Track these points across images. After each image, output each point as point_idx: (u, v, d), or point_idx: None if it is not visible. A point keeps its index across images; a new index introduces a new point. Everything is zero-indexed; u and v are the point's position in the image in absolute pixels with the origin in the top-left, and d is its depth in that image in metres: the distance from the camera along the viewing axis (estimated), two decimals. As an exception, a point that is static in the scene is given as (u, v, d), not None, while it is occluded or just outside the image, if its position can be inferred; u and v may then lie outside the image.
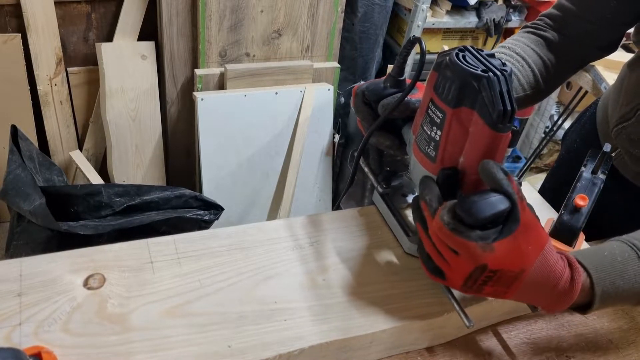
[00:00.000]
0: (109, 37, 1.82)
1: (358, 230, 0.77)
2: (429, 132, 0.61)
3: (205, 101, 1.81)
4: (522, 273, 0.54)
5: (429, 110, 0.60)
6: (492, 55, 0.57)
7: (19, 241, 1.46)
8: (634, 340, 0.73)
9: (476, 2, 2.12)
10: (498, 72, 0.54)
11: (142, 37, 1.84)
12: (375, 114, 0.70)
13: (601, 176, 0.80)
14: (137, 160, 1.95)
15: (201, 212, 1.58)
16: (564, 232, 0.80)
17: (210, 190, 1.92)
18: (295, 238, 0.74)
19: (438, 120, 0.59)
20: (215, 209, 1.62)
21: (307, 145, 1.96)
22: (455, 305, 0.63)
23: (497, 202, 0.54)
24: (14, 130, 1.56)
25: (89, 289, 0.63)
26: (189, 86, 1.92)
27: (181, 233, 0.72)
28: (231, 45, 1.86)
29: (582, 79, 1.89)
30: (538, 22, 0.88)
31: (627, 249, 0.62)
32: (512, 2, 2.16)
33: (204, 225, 1.59)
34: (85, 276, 0.65)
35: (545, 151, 2.68)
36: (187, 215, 1.54)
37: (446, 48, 2.08)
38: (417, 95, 0.68)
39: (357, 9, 2.01)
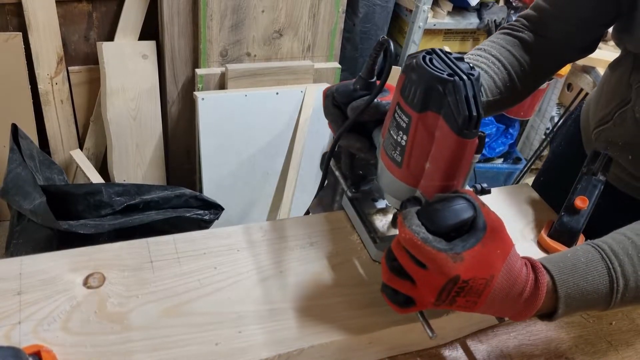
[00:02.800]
0: (110, 37, 1.83)
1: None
2: (395, 137, 0.60)
3: (206, 101, 1.81)
4: (491, 280, 0.53)
5: (396, 114, 0.59)
6: (461, 59, 0.56)
7: (19, 240, 1.46)
8: (633, 342, 0.73)
9: (477, 3, 2.12)
10: (464, 77, 0.53)
11: (143, 37, 1.84)
12: (345, 117, 0.69)
13: (601, 178, 0.80)
14: (137, 160, 1.95)
15: (201, 211, 1.59)
16: (564, 234, 0.80)
17: (210, 190, 1.92)
18: (295, 238, 0.74)
19: (404, 125, 0.58)
20: (215, 208, 1.62)
21: (307, 145, 1.96)
22: (419, 316, 0.61)
23: (461, 210, 0.53)
24: (15, 129, 1.56)
25: (88, 288, 0.63)
26: (190, 86, 1.92)
27: (181, 232, 0.72)
28: (232, 45, 1.86)
29: (583, 81, 1.89)
30: (515, 23, 0.87)
31: (591, 251, 0.61)
32: (513, 3, 2.16)
33: (204, 224, 1.59)
34: (85, 275, 0.65)
35: (545, 152, 2.68)
36: (187, 214, 1.54)
37: (447, 49, 2.09)
38: (388, 97, 0.67)
39: (358, 9, 2.01)
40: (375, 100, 0.65)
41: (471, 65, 0.56)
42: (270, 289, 0.67)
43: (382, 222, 0.74)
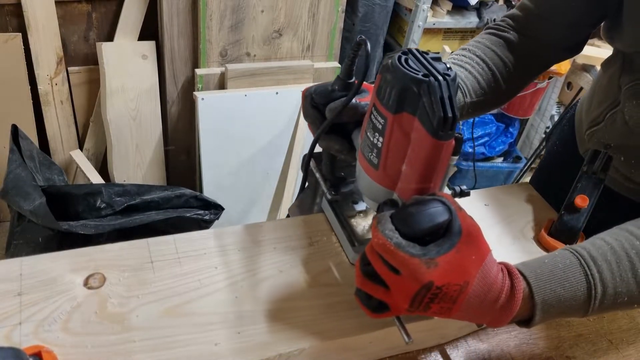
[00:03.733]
0: (110, 37, 1.82)
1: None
2: (371, 139, 0.59)
3: (206, 101, 1.81)
4: (466, 286, 0.52)
5: (372, 116, 0.58)
6: (438, 59, 0.55)
7: (19, 240, 1.46)
8: (634, 340, 0.73)
9: (477, 3, 2.12)
10: (440, 77, 0.52)
11: (142, 37, 1.84)
12: (324, 118, 0.67)
13: (601, 176, 0.80)
14: (137, 160, 1.95)
15: (201, 211, 1.59)
16: (564, 233, 0.80)
17: (210, 190, 1.92)
18: (294, 238, 0.74)
19: (380, 126, 0.57)
20: (216, 208, 1.62)
21: (307, 145, 1.96)
22: (396, 320, 0.59)
23: (435, 214, 0.52)
24: (15, 130, 1.56)
25: (89, 288, 0.63)
26: (190, 86, 1.92)
27: (181, 233, 0.72)
28: (232, 45, 1.86)
29: (583, 79, 1.89)
30: (500, 23, 0.86)
31: (569, 257, 0.59)
32: (513, 2, 2.16)
33: (204, 224, 1.59)
34: (85, 276, 0.65)
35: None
36: (188, 215, 1.54)
37: (447, 48, 2.09)
38: (368, 98, 0.66)
39: (357, 8, 2.01)
40: (355, 101, 0.64)
41: (448, 65, 0.55)
42: (270, 288, 0.67)
43: (362, 225, 0.73)
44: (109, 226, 1.42)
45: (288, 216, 0.85)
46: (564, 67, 2.26)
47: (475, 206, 0.87)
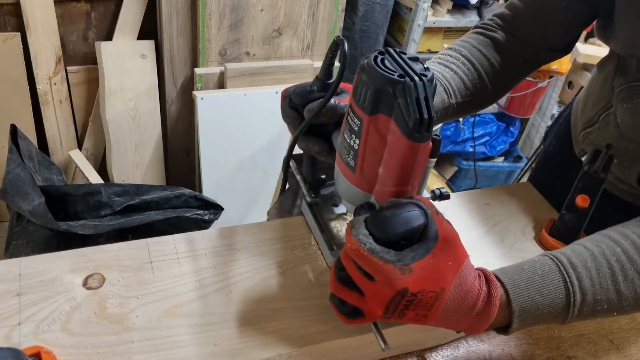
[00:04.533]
0: (109, 36, 1.82)
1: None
2: (348, 140, 0.58)
3: (205, 100, 1.81)
4: (442, 292, 0.51)
5: (349, 117, 0.57)
6: (416, 59, 0.54)
7: (18, 241, 1.45)
8: (635, 340, 0.73)
9: (477, 1, 2.12)
10: (416, 78, 0.51)
11: (141, 36, 1.84)
12: (302, 119, 0.66)
13: (602, 176, 0.80)
14: (136, 160, 1.95)
15: (201, 211, 1.58)
16: (565, 232, 0.80)
17: (210, 189, 1.92)
18: (297, 237, 0.74)
19: (356, 128, 0.56)
20: (215, 208, 1.62)
21: (307, 145, 1.95)
22: (372, 326, 0.58)
23: (410, 218, 0.51)
24: (14, 130, 1.56)
25: (88, 288, 0.63)
26: (189, 85, 1.91)
27: (181, 233, 0.72)
28: (231, 44, 1.86)
29: (583, 78, 1.88)
30: (489, 22, 0.85)
31: (549, 263, 0.58)
32: (513, 2, 2.16)
33: (203, 224, 1.58)
34: (84, 276, 0.64)
35: (545, 151, 2.68)
36: (187, 214, 1.54)
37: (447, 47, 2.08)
38: (347, 99, 0.65)
39: (357, 7, 2.01)
40: (334, 101, 0.63)
41: (426, 66, 0.54)
42: (270, 288, 0.66)
43: (342, 228, 0.72)
44: (108, 226, 1.42)
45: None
46: (564, 66, 2.26)
47: (476, 206, 0.87)
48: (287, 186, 0.80)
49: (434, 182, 2.51)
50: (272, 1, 1.82)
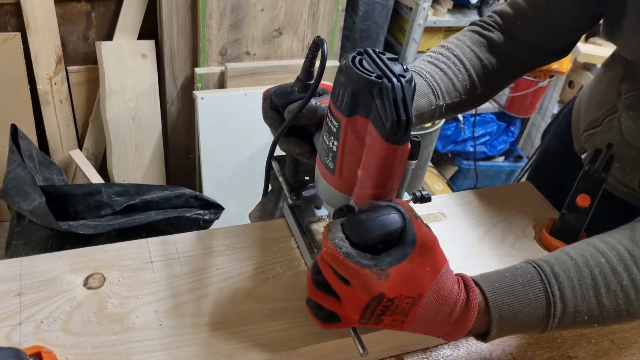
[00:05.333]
0: (109, 36, 1.82)
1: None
2: (327, 142, 0.57)
3: (206, 100, 1.81)
4: (419, 298, 0.50)
5: (327, 119, 0.56)
6: (395, 59, 0.53)
7: (19, 240, 1.45)
8: (636, 340, 0.73)
9: (478, 1, 2.12)
10: (394, 79, 0.50)
11: (142, 36, 1.84)
12: (283, 120, 0.65)
13: (603, 175, 0.80)
14: (137, 160, 1.95)
15: (201, 211, 1.58)
16: (565, 232, 0.79)
17: (210, 189, 1.92)
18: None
19: (334, 130, 0.55)
20: (216, 208, 1.62)
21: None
22: (351, 331, 0.58)
23: (387, 221, 0.50)
24: (14, 130, 1.56)
25: (88, 288, 0.63)
26: (189, 85, 1.91)
27: (181, 232, 0.72)
28: (231, 44, 1.86)
29: (584, 78, 1.88)
30: (487, 19, 0.83)
31: (531, 271, 0.57)
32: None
33: (204, 224, 1.58)
34: (85, 276, 0.64)
35: (546, 150, 2.68)
36: (187, 214, 1.54)
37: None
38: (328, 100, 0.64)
39: (358, 7, 2.01)
40: (314, 102, 0.62)
41: (405, 67, 0.53)
42: (270, 288, 0.66)
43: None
44: (109, 226, 1.42)
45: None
46: (565, 66, 2.26)
47: (476, 205, 0.87)
48: (270, 188, 0.79)
49: (435, 181, 2.51)
50: (273, 1, 1.82)
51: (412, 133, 0.53)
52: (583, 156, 0.93)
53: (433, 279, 0.50)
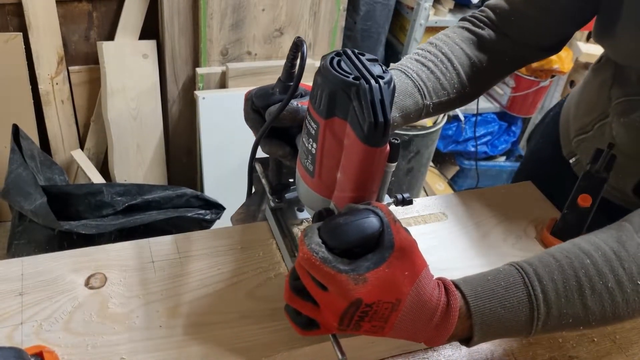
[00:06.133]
0: (110, 36, 1.82)
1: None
2: (306, 145, 0.56)
3: (207, 100, 1.81)
4: (398, 304, 0.49)
5: (307, 121, 0.56)
6: (374, 60, 0.53)
7: (21, 240, 1.46)
8: (637, 340, 0.73)
9: (479, 1, 2.12)
10: (372, 80, 0.49)
11: (143, 36, 1.84)
12: (264, 122, 0.64)
13: (604, 175, 0.79)
14: (138, 160, 1.95)
15: (202, 211, 1.58)
16: (567, 232, 0.79)
17: (211, 189, 1.92)
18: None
19: (313, 132, 0.54)
20: (217, 208, 1.62)
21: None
22: (331, 336, 0.57)
23: (364, 225, 0.49)
24: (16, 130, 1.56)
25: (90, 288, 0.63)
26: (190, 85, 1.91)
27: (182, 232, 0.72)
28: (233, 43, 1.86)
29: (585, 78, 1.88)
30: (479, 14, 0.81)
31: (514, 274, 0.56)
32: (514, 1, 2.16)
33: (205, 224, 1.58)
34: (86, 276, 0.64)
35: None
36: (189, 214, 1.54)
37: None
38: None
39: (359, 7, 2.01)
40: (295, 104, 0.62)
41: (384, 69, 0.52)
42: (271, 288, 0.66)
43: None
44: (110, 226, 1.42)
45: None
46: (566, 65, 2.25)
47: (478, 205, 0.87)
48: (254, 190, 0.77)
49: (436, 181, 2.51)
50: (274, 1, 1.82)
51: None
52: (571, 161, 0.93)
53: (412, 284, 0.50)
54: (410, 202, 0.64)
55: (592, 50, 2.17)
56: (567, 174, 0.94)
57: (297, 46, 0.60)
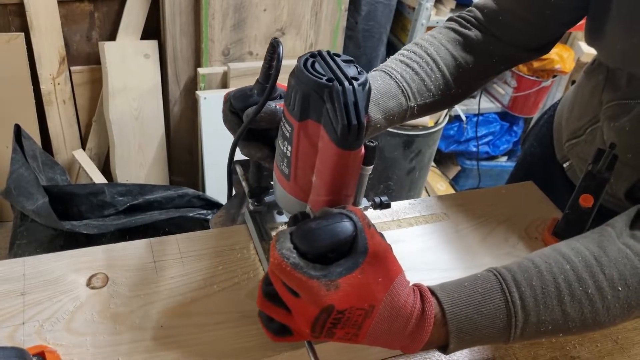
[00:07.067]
0: (112, 36, 1.82)
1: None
2: (282, 147, 0.56)
3: (208, 100, 1.81)
4: (372, 310, 0.48)
5: (282, 123, 0.55)
6: (350, 61, 0.52)
7: (22, 240, 1.46)
8: (639, 340, 0.73)
9: (480, 1, 2.12)
10: (346, 82, 0.48)
11: (145, 36, 1.84)
12: (242, 124, 0.64)
13: (606, 175, 0.79)
14: (140, 160, 1.95)
15: (204, 211, 1.58)
16: (568, 232, 0.79)
17: (213, 189, 1.92)
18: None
19: (288, 134, 0.54)
20: (218, 208, 1.62)
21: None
22: (306, 342, 0.56)
23: (337, 230, 0.48)
24: (17, 130, 1.56)
25: (92, 288, 0.63)
26: (192, 85, 1.91)
27: (184, 232, 0.72)
28: (234, 43, 1.86)
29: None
30: (466, 14, 0.80)
31: (491, 280, 0.54)
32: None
33: (206, 224, 1.58)
34: (88, 275, 0.65)
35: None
36: (190, 214, 1.54)
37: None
38: None
39: (360, 7, 2.01)
40: (274, 106, 0.61)
41: (360, 70, 0.51)
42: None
43: None
44: (112, 226, 1.42)
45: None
46: (568, 65, 2.25)
47: (479, 206, 0.87)
48: (235, 193, 0.77)
49: (437, 181, 2.51)
50: (275, 1, 1.82)
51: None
52: (565, 165, 0.92)
53: (386, 290, 0.48)
54: (388, 206, 0.63)
55: (594, 51, 2.17)
56: (560, 178, 0.93)
57: (274, 47, 0.59)
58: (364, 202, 0.62)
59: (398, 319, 0.49)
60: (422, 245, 0.79)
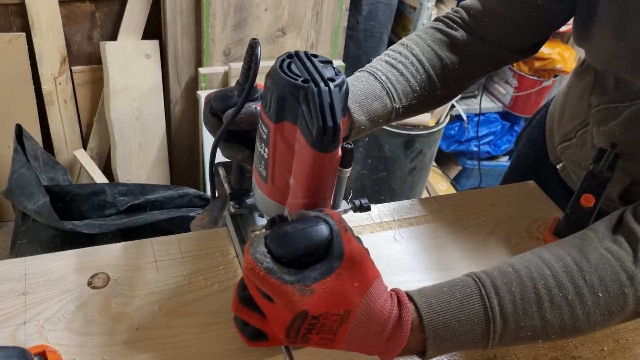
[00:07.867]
0: (113, 36, 1.83)
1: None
2: (259, 149, 0.55)
3: (209, 100, 1.81)
4: (347, 316, 0.47)
5: (259, 125, 0.55)
6: (328, 62, 0.51)
7: (24, 240, 1.46)
8: (641, 340, 0.73)
9: (481, 0, 2.11)
10: (321, 83, 0.48)
11: (146, 36, 1.84)
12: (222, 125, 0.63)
13: (607, 175, 0.79)
14: (141, 159, 1.95)
15: (205, 211, 1.58)
16: (569, 232, 0.79)
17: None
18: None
19: (265, 136, 0.53)
20: (219, 208, 1.62)
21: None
22: (283, 348, 0.56)
23: (312, 234, 0.47)
24: (19, 130, 1.56)
25: (93, 288, 0.63)
26: (193, 85, 1.92)
27: (185, 232, 0.72)
28: (235, 43, 1.86)
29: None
30: (452, 15, 0.79)
31: (470, 285, 0.53)
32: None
33: (207, 224, 1.58)
34: (89, 275, 0.65)
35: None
36: (191, 214, 1.54)
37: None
38: None
39: (361, 7, 2.01)
40: (254, 107, 0.61)
41: (337, 71, 0.51)
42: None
43: None
44: (113, 226, 1.42)
45: None
46: (569, 65, 2.25)
47: (480, 205, 0.87)
48: (217, 195, 0.76)
49: (438, 181, 2.51)
50: (276, 1, 1.82)
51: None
52: (558, 167, 0.92)
53: (362, 295, 0.47)
54: (368, 209, 0.62)
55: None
56: (554, 180, 0.93)
57: (252, 48, 0.59)
58: (344, 204, 0.61)
59: (374, 325, 0.49)
60: (422, 245, 0.79)
